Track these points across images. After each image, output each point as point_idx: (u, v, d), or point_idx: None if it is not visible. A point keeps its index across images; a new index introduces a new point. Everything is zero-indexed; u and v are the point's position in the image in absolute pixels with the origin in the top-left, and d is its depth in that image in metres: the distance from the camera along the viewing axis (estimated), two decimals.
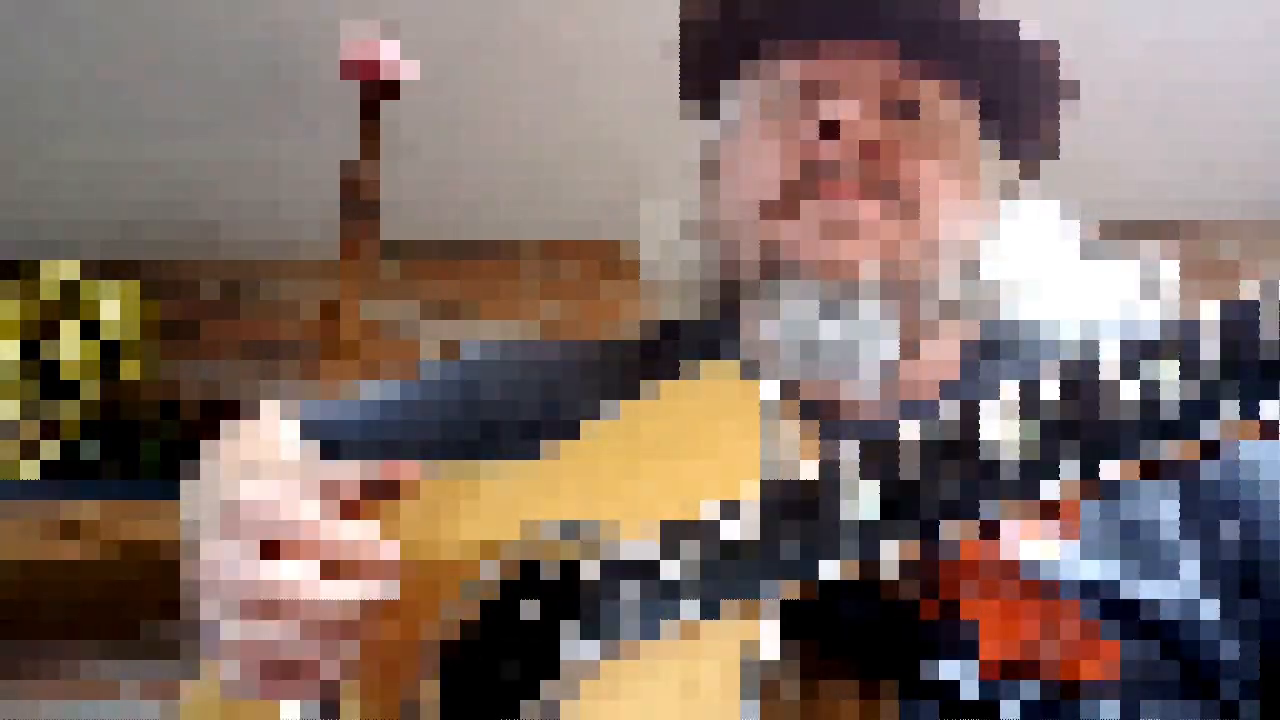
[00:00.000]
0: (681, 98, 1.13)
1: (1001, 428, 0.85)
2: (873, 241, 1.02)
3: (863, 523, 0.87)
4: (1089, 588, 0.94)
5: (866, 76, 1.04)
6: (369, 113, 2.02)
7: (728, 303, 1.07)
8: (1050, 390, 0.84)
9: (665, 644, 0.90)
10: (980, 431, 0.85)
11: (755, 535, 0.89)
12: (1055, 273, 1.07)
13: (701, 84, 1.11)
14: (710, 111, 1.11)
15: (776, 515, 0.89)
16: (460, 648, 0.98)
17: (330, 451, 1.10)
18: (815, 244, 1.02)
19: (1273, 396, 0.81)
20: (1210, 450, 0.96)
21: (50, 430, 2.16)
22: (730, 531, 0.90)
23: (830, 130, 1.03)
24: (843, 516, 0.87)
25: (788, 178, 1.03)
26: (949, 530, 0.87)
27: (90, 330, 2.18)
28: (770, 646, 0.88)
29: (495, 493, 1.00)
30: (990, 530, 0.94)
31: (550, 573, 0.95)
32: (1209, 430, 0.82)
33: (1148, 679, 0.94)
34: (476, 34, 2.21)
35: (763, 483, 0.90)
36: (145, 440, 2.21)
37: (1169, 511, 0.98)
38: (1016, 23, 1.05)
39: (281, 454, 1.08)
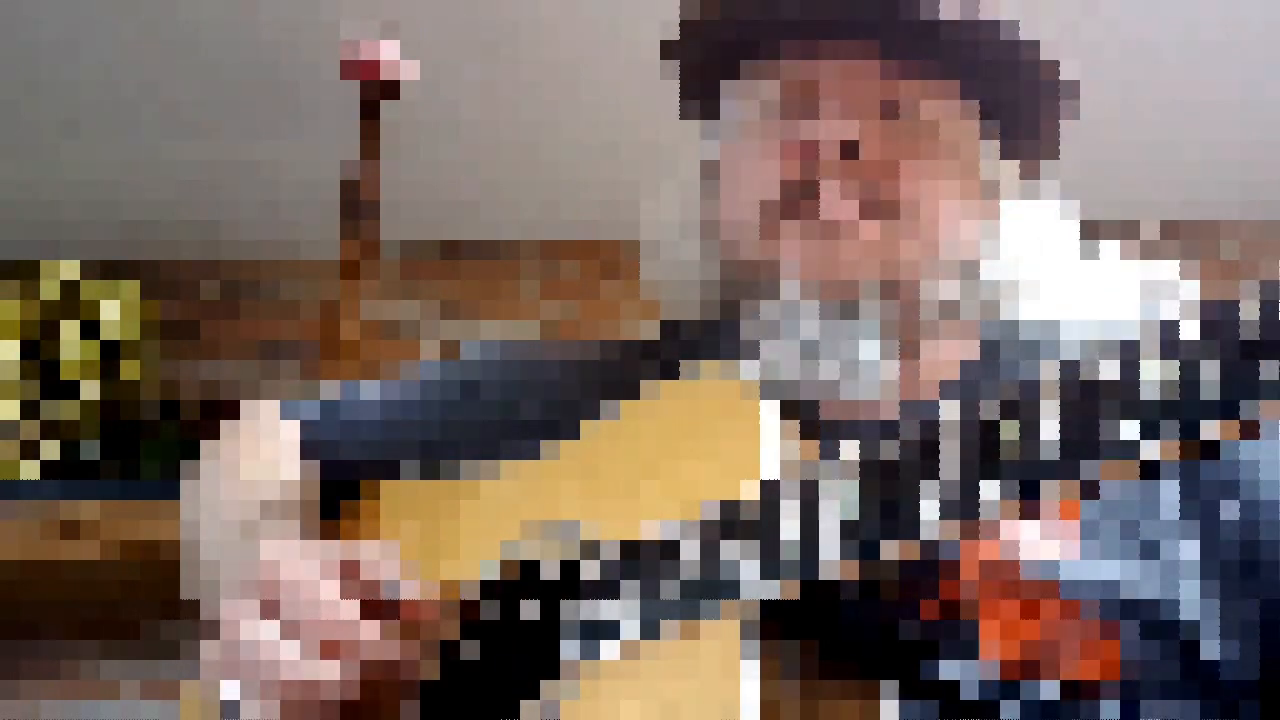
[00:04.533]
0: (681, 98, 1.13)
1: (1001, 427, 0.85)
2: (872, 243, 1.02)
3: (861, 523, 0.87)
4: (1090, 588, 0.94)
5: (866, 78, 1.04)
6: (369, 113, 2.02)
7: (728, 303, 1.07)
8: (1049, 390, 0.84)
9: (665, 644, 0.90)
10: (979, 431, 0.85)
11: (754, 535, 0.89)
12: (1055, 273, 1.07)
13: (701, 84, 1.11)
14: (710, 111, 1.11)
15: (774, 515, 0.89)
16: (460, 648, 0.98)
17: (330, 451, 1.11)
18: (814, 245, 1.02)
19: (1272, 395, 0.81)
20: (1210, 448, 0.96)
21: (50, 430, 2.15)
22: (728, 532, 0.90)
23: (829, 131, 1.03)
24: (841, 517, 0.87)
25: (787, 178, 1.03)
26: (948, 530, 0.87)
27: (90, 330, 2.18)
28: (757, 647, 0.88)
29: (495, 493, 1.00)
30: (990, 530, 0.94)
31: (550, 573, 0.95)
32: (1208, 429, 0.82)
33: (1148, 679, 0.94)
34: (476, 34, 2.21)
35: (762, 483, 0.90)
36: (145, 440, 2.21)
37: (1169, 511, 0.98)
38: (1016, 23, 1.05)
39: (281, 455, 1.08)
